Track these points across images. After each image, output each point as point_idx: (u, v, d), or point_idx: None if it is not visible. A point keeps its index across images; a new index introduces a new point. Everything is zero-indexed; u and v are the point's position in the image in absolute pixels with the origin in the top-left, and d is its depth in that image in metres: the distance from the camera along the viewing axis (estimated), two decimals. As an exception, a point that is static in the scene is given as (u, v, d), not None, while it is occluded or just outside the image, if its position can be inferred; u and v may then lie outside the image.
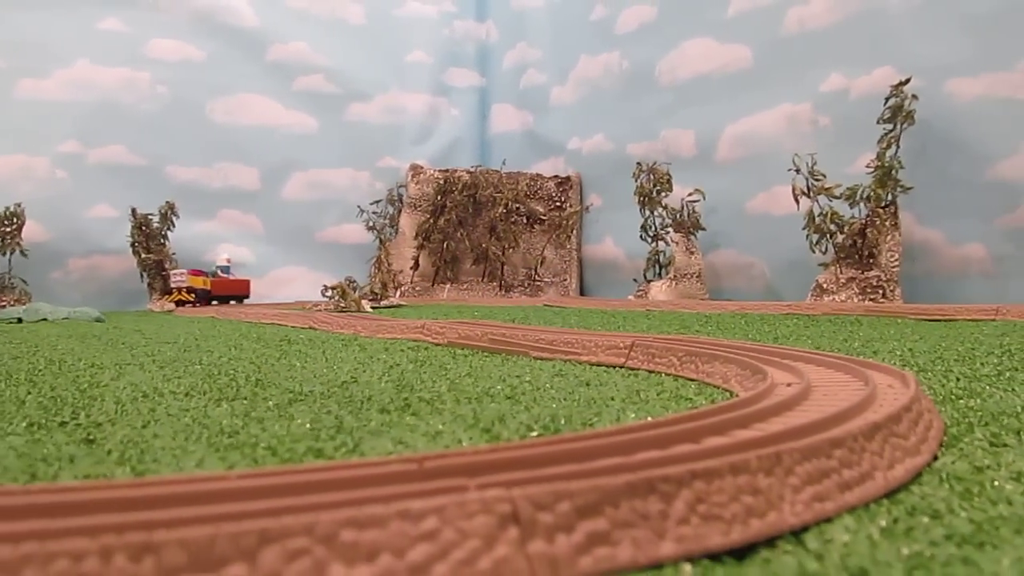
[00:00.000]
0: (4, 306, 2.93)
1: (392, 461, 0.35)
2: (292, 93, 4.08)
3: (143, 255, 3.41)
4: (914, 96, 2.37)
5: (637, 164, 3.23)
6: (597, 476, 0.34)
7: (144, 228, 3.40)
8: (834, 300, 2.41)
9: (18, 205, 3.22)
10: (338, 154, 4.16)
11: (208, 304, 3.32)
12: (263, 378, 0.96)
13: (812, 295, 2.51)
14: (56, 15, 3.53)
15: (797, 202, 2.59)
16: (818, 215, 2.57)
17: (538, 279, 3.91)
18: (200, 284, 3.34)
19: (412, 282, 3.94)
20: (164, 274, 3.43)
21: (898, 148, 2.39)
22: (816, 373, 0.73)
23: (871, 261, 2.43)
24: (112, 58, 3.64)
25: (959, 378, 0.86)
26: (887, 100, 2.41)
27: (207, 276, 3.39)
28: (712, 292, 3.09)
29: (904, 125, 2.38)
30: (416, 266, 3.96)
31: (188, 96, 3.80)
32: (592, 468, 0.35)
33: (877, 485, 0.43)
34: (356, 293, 2.82)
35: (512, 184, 3.95)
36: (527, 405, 0.73)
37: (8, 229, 3.19)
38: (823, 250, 2.58)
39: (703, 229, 3.07)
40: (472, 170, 4.05)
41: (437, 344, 1.40)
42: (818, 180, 2.56)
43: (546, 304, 3.07)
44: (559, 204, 3.96)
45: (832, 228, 2.54)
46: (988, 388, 0.79)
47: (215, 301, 3.39)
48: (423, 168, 4.16)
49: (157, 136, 3.71)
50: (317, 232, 4.11)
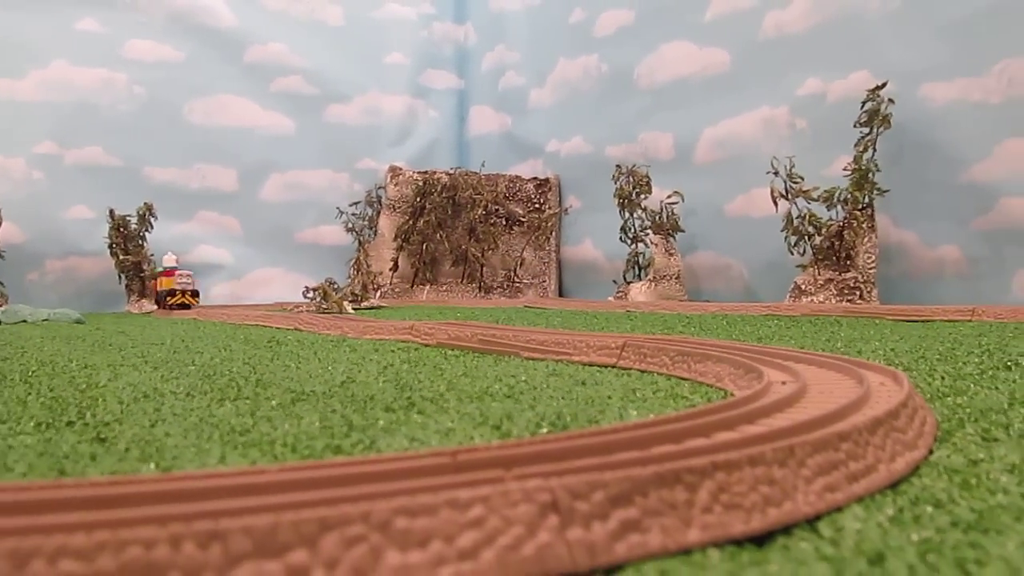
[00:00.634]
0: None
1: (425, 455, 0.37)
2: (270, 94, 4.06)
3: (121, 256, 3.38)
4: (890, 100, 2.41)
5: (617, 166, 3.25)
6: (626, 468, 0.36)
7: (122, 229, 3.38)
8: (812, 301, 2.44)
9: (-6, 206, 3.19)
10: (316, 155, 4.15)
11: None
12: (262, 378, 0.96)
13: (790, 296, 2.55)
14: (32, 15, 3.50)
15: (775, 204, 2.63)
16: (796, 217, 2.61)
17: (517, 281, 3.93)
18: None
19: (392, 284, 3.95)
20: (142, 276, 3.40)
21: (874, 151, 2.44)
22: (809, 372, 0.75)
23: (848, 263, 2.47)
24: (89, 59, 3.61)
25: (943, 376, 0.89)
26: (864, 104, 2.45)
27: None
28: (691, 293, 3.12)
29: (880, 129, 2.43)
30: (395, 268, 3.97)
31: (166, 97, 3.78)
32: (619, 460, 0.37)
33: (881, 477, 0.45)
34: (337, 295, 2.83)
35: (491, 186, 3.96)
36: (529, 404, 0.75)
37: (-16, 230, 3.16)
38: (801, 252, 2.61)
39: (682, 231, 3.10)
40: (451, 172, 4.06)
41: (427, 345, 1.41)
42: (796, 183, 2.59)
43: (526, 305, 3.09)
44: (538, 206, 3.98)
45: (810, 230, 2.57)
46: (973, 386, 0.81)
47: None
48: (402, 170, 4.16)
49: (134, 137, 3.69)
50: (296, 233, 4.10)
